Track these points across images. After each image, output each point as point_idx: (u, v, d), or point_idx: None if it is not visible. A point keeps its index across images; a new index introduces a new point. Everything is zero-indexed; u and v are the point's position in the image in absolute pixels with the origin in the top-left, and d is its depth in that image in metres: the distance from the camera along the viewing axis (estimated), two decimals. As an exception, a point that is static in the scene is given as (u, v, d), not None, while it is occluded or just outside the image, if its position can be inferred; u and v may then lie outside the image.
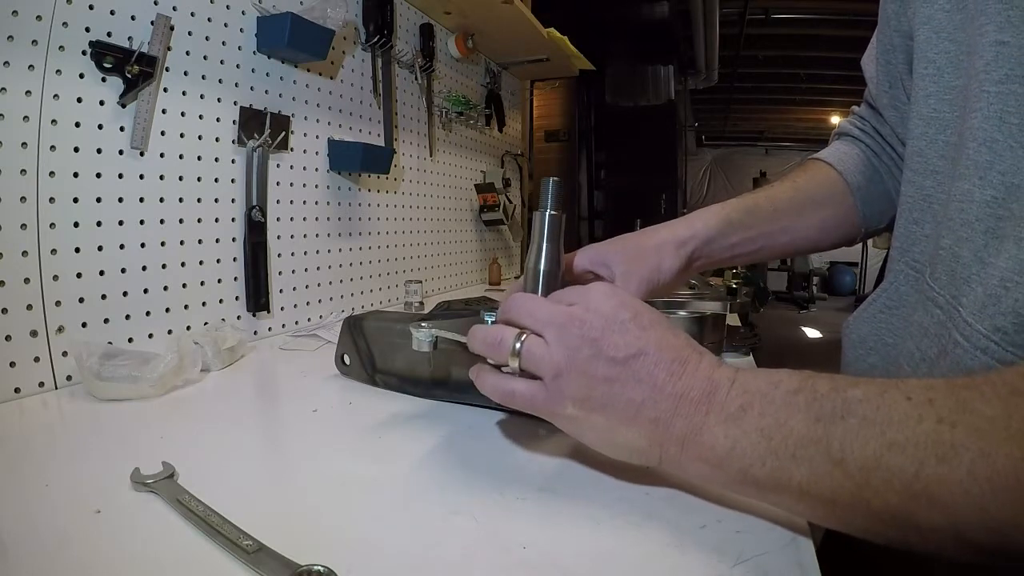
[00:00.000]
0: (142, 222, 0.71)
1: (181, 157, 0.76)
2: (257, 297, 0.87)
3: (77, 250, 0.64)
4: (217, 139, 0.81)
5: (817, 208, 0.55)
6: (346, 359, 0.64)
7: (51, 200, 0.61)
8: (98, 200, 0.66)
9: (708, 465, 0.31)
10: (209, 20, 0.78)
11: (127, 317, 0.69)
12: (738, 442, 0.29)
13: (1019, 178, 0.30)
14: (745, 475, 0.30)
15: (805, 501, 0.28)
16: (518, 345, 0.35)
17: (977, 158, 0.32)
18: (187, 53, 0.75)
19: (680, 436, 0.31)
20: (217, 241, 0.82)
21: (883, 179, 0.55)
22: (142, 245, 0.71)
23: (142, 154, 0.70)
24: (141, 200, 0.70)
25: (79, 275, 0.64)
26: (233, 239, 0.84)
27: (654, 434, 0.32)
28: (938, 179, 0.38)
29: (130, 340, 0.70)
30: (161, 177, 0.73)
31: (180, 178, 0.76)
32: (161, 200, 0.73)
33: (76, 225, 0.63)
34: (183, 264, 0.76)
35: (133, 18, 0.68)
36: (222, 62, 0.81)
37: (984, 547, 0.24)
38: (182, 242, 0.76)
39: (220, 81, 0.80)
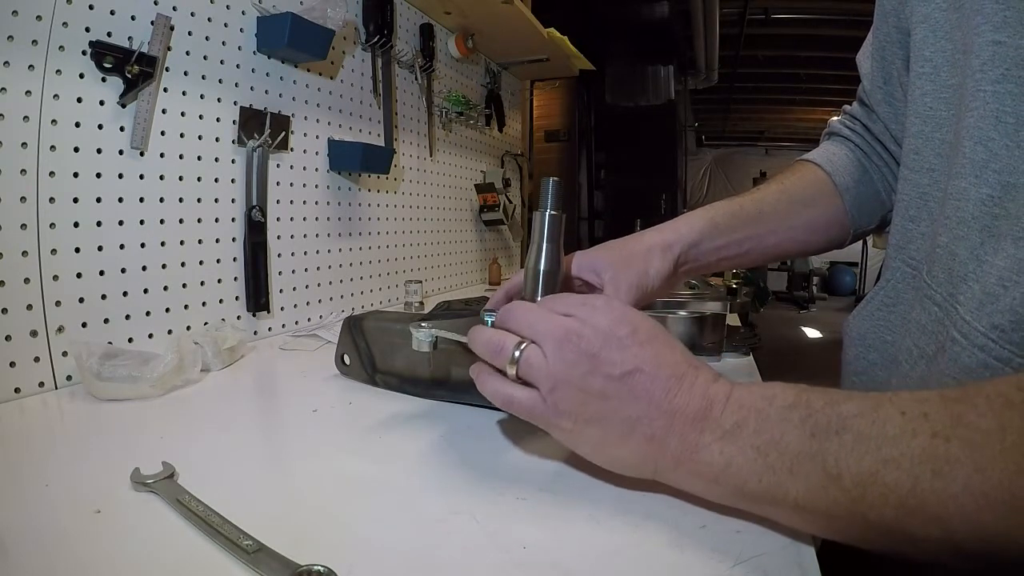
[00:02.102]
0: (142, 222, 0.71)
1: (181, 157, 0.76)
2: (257, 297, 0.87)
3: (77, 250, 0.64)
4: (217, 139, 0.81)
5: (804, 209, 0.54)
6: (346, 359, 0.64)
7: (51, 200, 0.61)
8: (98, 200, 0.66)
9: (703, 480, 0.31)
10: (209, 20, 0.78)
11: (127, 317, 0.69)
12: (734, 459, 0.29)
13: (1015, 176, 0.30)
14: (741, 491, 0.30)
15: (801, 515, 0.28)
16: (517, 354, 0.35)
17: (973, 156, 0.32)
18: (187, 53, 0.75)
19: (675, 454, 0.32)
20: (217, 241, 0.82)
21: (872, 179, 0.54)
22: (142, 245, 0.71)
23: (142, 154, 0.70)
24: (141, 200, 0.71)
25: (79, 275, 0.64)
26: (233, 239, 0.84)
27: (649, 451, 0.32)
28: (934, 177, 0.38)
29: (130, 340, 0.70)
30: (161, 177, 0.73)
31: (180, 178, 0.76)
32: (161, 200, 0.73)
33: (76, 225, 0.63)
34: (183, 264, 0.76)
35: (133, 18, 0.68)
36: (222, 62, 0.81)
37: (979, 557, 0.24)
38: (182, 242, 0.76)
39: (220, 81, 0.80)
